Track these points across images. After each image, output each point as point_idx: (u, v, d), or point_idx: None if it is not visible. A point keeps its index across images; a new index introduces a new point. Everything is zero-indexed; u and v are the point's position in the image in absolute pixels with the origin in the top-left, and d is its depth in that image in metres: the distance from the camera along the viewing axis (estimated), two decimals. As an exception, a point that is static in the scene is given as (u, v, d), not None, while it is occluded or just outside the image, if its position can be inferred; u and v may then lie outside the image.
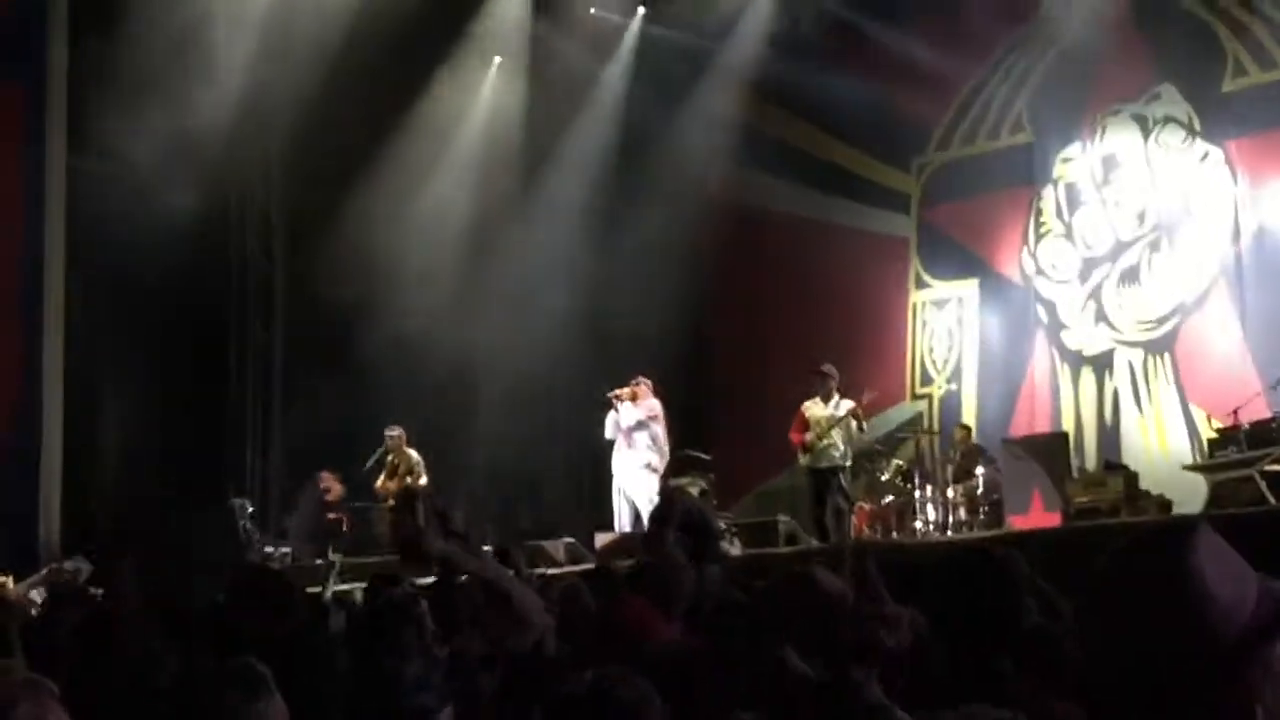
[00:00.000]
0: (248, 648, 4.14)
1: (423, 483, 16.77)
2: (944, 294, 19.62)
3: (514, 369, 20.00)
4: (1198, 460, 15.63)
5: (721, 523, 14.12)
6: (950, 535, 15.43)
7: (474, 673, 5.14)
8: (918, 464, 16.85)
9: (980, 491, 15.97)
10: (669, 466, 16.18)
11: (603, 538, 15.83)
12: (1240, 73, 17.51)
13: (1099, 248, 18.34)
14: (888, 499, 16.68)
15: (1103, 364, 18.08)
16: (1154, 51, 18.14)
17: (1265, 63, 17.36)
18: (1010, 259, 19.03)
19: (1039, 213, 18.89)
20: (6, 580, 13.65)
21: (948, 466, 16.57)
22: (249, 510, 17.52)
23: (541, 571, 13.14)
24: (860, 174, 20.40)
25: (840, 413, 15.24)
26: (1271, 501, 12.55)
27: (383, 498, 16.85)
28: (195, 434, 18.51)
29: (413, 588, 6.42)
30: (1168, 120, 18.02)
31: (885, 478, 16.87)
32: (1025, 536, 13.14)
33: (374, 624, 5.10)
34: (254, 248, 19.98)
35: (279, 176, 20.06)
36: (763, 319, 20.62)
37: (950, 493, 16.15)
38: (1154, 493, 14.35)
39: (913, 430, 18.27)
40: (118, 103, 17.04)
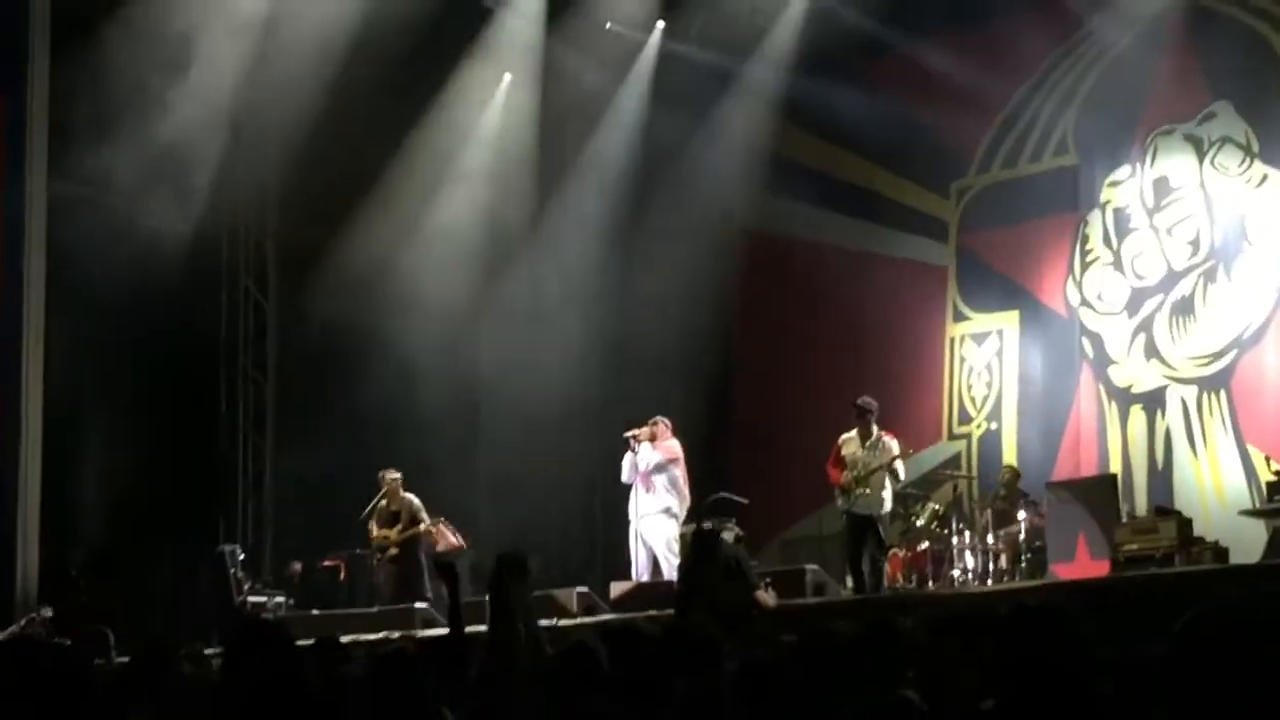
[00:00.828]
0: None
1: (424, 528, 16.76)
2: (983, 327, 19.61)
3: (523, 407, 20.05)
4: (1256, 505, 15.59)
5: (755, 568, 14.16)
6: (990, 585, 15.40)
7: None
8: (955, 508, 16.83)
9: (1022, 538, 15.94)
10: (693, 508, 16.19)
11: (619, 587, 15.84)
12: (1302, 89, 17.57)
13: (1149, 277, 18.32)
14: (923, 545, 16.66)
15: (1154, 402, 18.04)
16: (1208, 67, 18.14)
17: (1329, 78, 17.42)
18: (1054, 289, 19.03)
19: (1085, 240, 18.89)
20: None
21: (987, 511, 16.55)
22: (239, 557, 17.60)
23: (551, 623, 13.15)
24: (894, 199, 20.42)
25: (878, 460, 15.28)
26: (1334, 548, 12.53)
27: (381, 547, 16.79)
28: (183, 477, 18.59)
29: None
30: (1224, 141, 18.02)
31: (920, 523, 16.84)
32: (1070, 587, 13.15)
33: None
34: (246, 278, 20.10)
35: (273, 203, 20.20)
36: (789, 354, 20.62)
37: (990, 539, 16.13)
38: (1209, 539, 14.30)
39: (950, 472, 18.26)
40: (102, 124, 17.19)
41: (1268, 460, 16.36)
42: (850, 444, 15.50)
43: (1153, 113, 18.53)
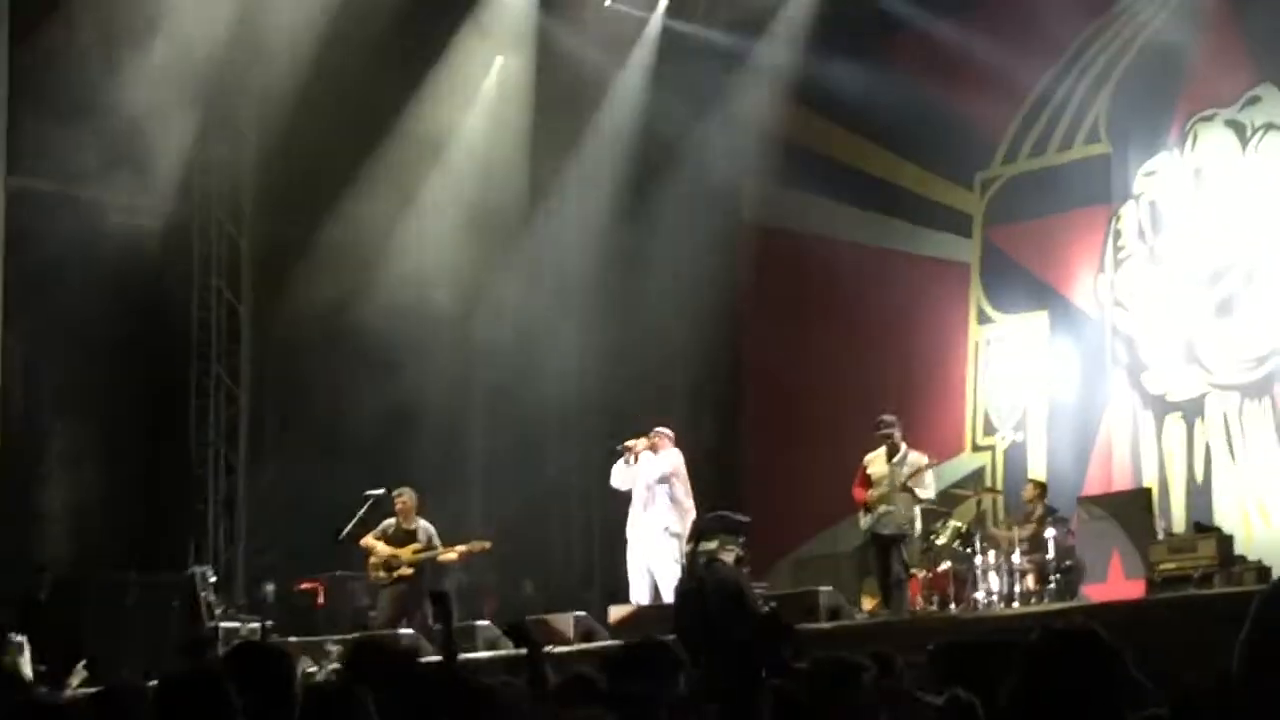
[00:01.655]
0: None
1: (446, 556, 16.68)
2: (1009, 329, 19.61)
3: (517, 418, 20.08)
4: (1302, 521, 15.64)
5: (761, 593, 14.20)
6: (1017, 607, 15.43)
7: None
8: (979, 526, 16.85)
9: (1050, 557, 15.96)
10: (693, 528, 16.19)
11: (618, 611, 15.87)
12: (1354, 70, 17.59)
13: (1188, 275, 18.31)
14: (944, 565, 16.68)
15: (1192, 410, 18.03)
16: (1252, 46, 18.12)
17: (1381, 59, 17.43)
18: (1085, 288, 19.03)
19: (1118, 234, 18.90)
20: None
21: (1013, 529, 16.57)
22: (210, 580, 17.63)
23: (548, 650, 13.18)
24: (914, 190, 20.43)
25: (900, 477, 15.32)
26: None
27: (390, 566, 16.64)
28: (151, 493, 18.63)
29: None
30: (1268, 127, 18.02)
31: (942, 541, 16.85)
32: (1103, 609, 13.16)
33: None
34: (218, 278, 20.11)
35: (248, 195, 20.21)
36: (800, 359, 20.62)
37: (1016, 559, 16.15)
38: (1251, 559, 14.34)
39: (973, 487, 18.26)
40: (63, 117, 17.22)
41: (1315, 473, 16.40)
42: (877, 463, 15.59)
43: (1191, 96, 18.51)
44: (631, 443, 16.20)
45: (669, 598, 15.38)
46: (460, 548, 16.64)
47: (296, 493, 18.36)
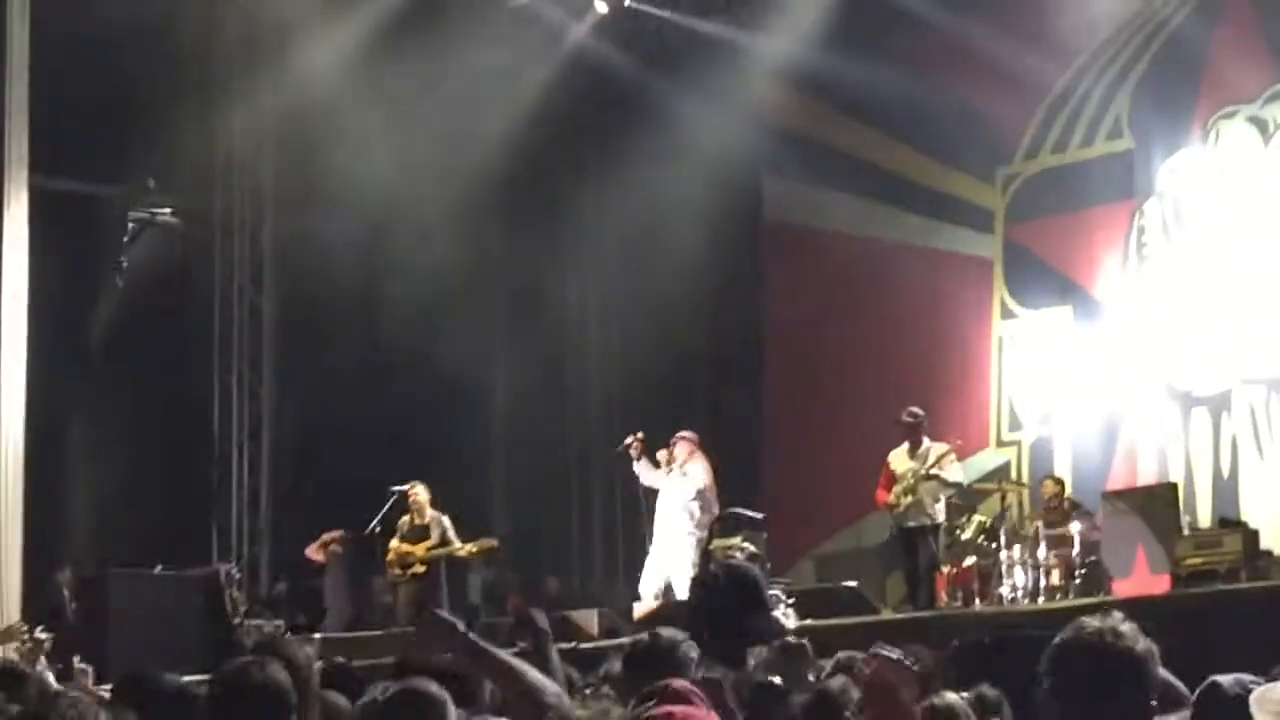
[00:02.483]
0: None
1: (461, 551, 16.69)
2: (1033, 324, 19.60)
3: (539, 413, 20.09)
4: (1329, 515, 15.61)
5: (777, 590, 14.20)
6: (1042, 603, 15.41)
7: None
8: (1003, 521, 16.84)
9: (1076, 552, 15.93)
10: (712, 527, 16.26)
11: (642, 607, 15.90)
12: (1377, 66, 17.56)
13: (1213, 270, 18.28)
14: (969, 560, 16.67)
15: (1218, 405, 18.01)
16: (1273, 43, 18.09)
17: (1407, 54, 17.41)
18: (1109, 283, 19.00)
19: (1141, 230, 18.87)
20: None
21: (1038, 524, 16.55)
22: (236, 576, 17.65)
23: (571, 646, 13.20)
24: (935, 187, 20.39)
25: (927, 465, 15.31)
26: None
27: (404, 564, 16.65)
28: (175, 491, 18.66)
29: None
30: (1291, 123, 18.07)
31: (966, 536, 16.83)
32: (1128, 605, 13.13)
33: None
34: (241, 278, 20.15)
35: (270, 197, 20.24)
36: (822, 356, 20.61)
37: (1041, 553, 16.13)
38: (1277, 553, 14.30)
39: (997, 482, 18.24)
40: (86, 115, 17.25)
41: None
42: (900, 459, 15.58)
43: (1213, 93, 18.48)
44: (630, 439, 16.31)
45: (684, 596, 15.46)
46: (469, 546, 16.59)
47: (320, 489, 18.38)
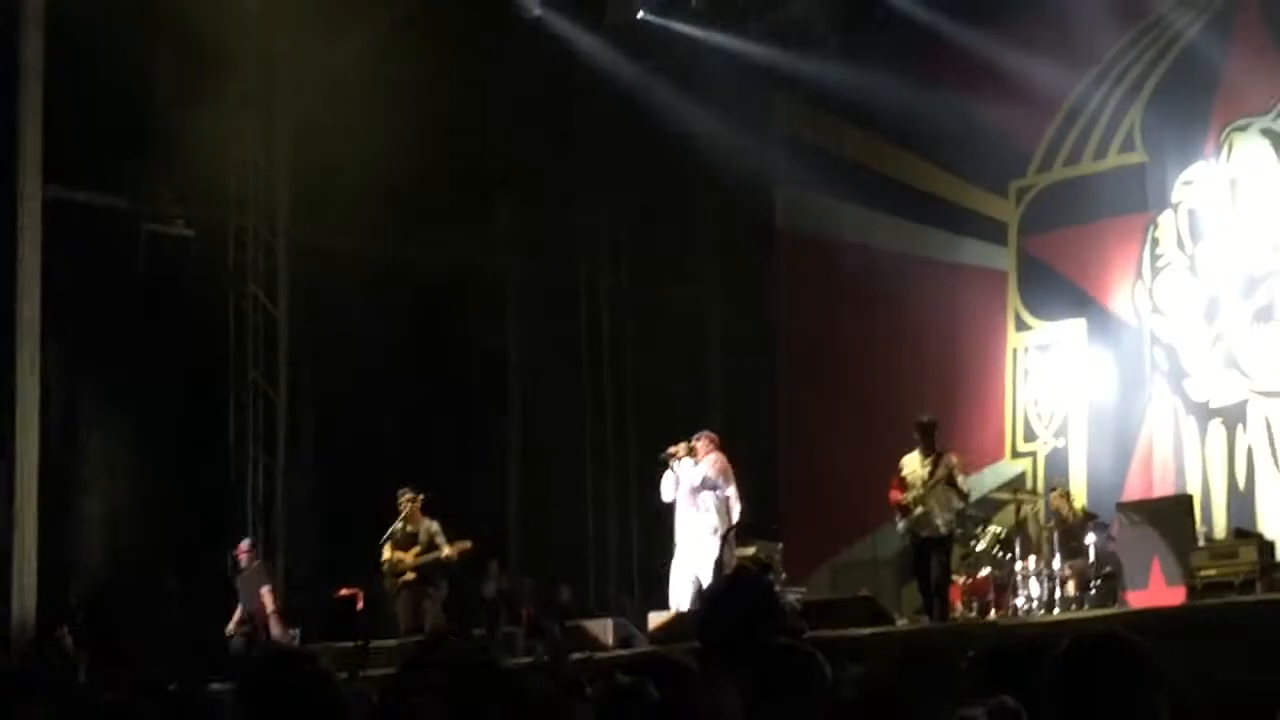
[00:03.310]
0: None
1: (445, 554, 16.61)
2: (1048, 336, 19.60)
3: (553, 420, 20.10)
4: (1344, 528, 15.59)
5: (792, 599, 14.21)
6: (1057, 614, 15.40)
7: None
8: (1019, 532, 16.84)
9: (1091, 563, 15.94)
10: (729, 533, 16.17)
11: (658, 617, 15.80)
12: (1390, 79, 17.56)
13: (1227, 283, 18.28)
14: (984, 571, 16.66)
15: (1233, 417, 18.00)
16: (1287, 56, 18.18)
17: None
18: (1123, 296, 19.01)
19: (1156, 243, 18.88)
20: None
21: (1053, 535, 16.55)
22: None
23: (585, 656, 13.18)
24: (949, 199, 20.41)
25: (936, 477, 15.29)
26: None
27: (395, 571, 16.62)
28: (189, 500, 18.66)
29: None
30: (1304, 136, 18.08)
31: (981, 547, 16.85)
32: (1143, 616, 13.13)
33: None
34: (255, 288, 20.16)
35: (284, 206, 20.25)
36: (837, 367, 20.60)
37: (1056, 565, 16.13)
38: (1292, 565, 14.31)
39: (1013, 493, 18.25)
40: (100, 126, 17.30)
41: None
42: (911, 464, 15.55)
43: (1226, 105, 18.51)
44: (675, 448, 16.13)
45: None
46: (449, 550, 16.50)
47: (334, 498, 18.39)
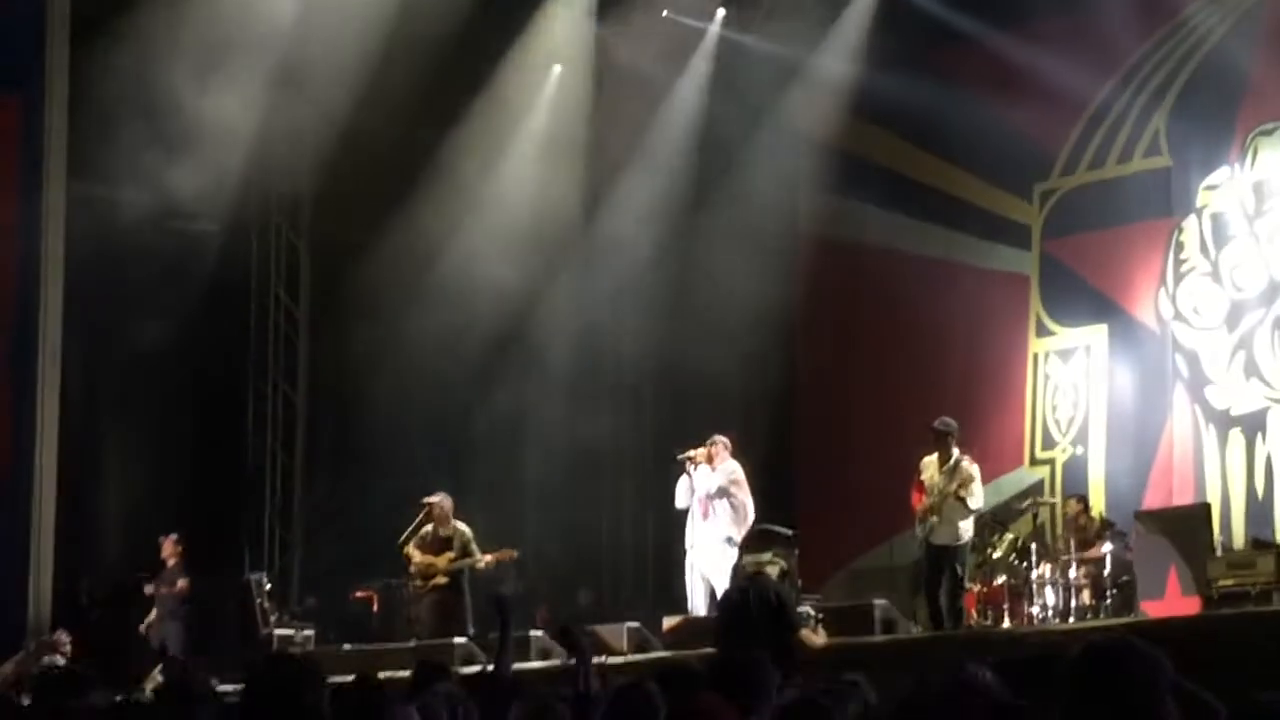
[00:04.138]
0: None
1: (482, 563, 16.50)
2: (1069, 342, 19.53)
3: (571, 426, 20.11)
4: (1364, 538, 15.52)
5: (807, 607, 14.20)
6: (1072, 623, 15.39)
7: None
8: (1035, 539, 16.82)
9: (1107, 572, 15.91)
10: (744, 542, 16.16)
11: (672, 622, 15.84)
12: None
13: (1250, 289, 18.21)
14: (1000, 579, 16.64)
15: (1254, 425, 17.93)
16: (1312, 61, 18.12)
17: None
18: (1146, 301, 18.94)
19: (1179, 248, 18.80)
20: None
21: (1070, 543, 16.52)
22: (266, 586, 17.72)
23: (600, 661, 13.21)
24: (972, 202, 20.35)
25: (952, 486, 15.28)
26: None
27: (425, 575, 16.53)
28: (208, 499, 18.74)
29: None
30: (1331, 141, 18.01)
31: (998, 555, 16.83)
32: (1159, 625, 13.12)
33: None
34: (277, 287, 20.23)
35: (307, 200, 20.31)
36: (856, 370, 20.59)
37: (1072, 573, 16.11)
38: (1311, 575, 14.25)
39: (1031, 500, 18.22)
40: (124, 122, 17.35)
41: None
42: (929, 468, 15.52)
43: (1251, 110, 18.43)
44: (692, 452, 16.12)
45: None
46: (488, 557, 16.46)
47: (352, 499, 18.43)
